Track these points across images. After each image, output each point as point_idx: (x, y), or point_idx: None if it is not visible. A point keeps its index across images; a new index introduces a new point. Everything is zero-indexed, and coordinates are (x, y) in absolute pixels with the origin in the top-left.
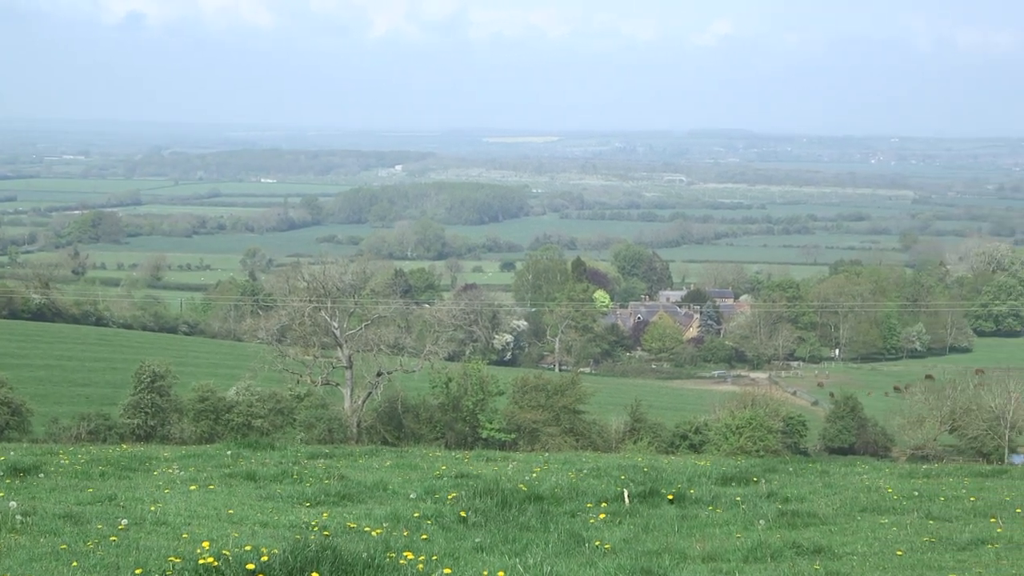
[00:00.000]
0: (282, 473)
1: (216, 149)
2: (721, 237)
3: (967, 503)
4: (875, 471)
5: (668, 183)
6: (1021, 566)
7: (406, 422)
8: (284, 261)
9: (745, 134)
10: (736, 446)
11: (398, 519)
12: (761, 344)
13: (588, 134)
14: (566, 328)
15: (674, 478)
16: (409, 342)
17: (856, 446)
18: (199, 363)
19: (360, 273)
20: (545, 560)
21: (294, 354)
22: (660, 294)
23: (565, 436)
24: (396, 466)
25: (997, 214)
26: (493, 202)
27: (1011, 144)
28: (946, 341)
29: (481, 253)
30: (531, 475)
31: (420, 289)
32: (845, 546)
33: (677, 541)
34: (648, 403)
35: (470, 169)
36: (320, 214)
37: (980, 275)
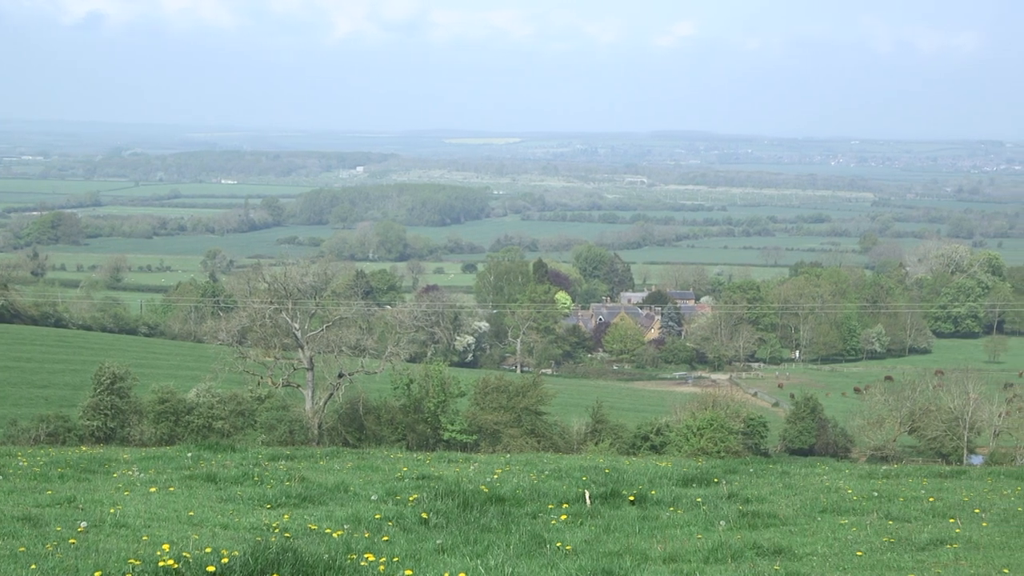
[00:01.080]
0: (243, 475)
1: (176, 150)
2: (682, 239)
3: (926, 504)
4: (835, 472)
5: (629, 185)
6: (980, 566)
7: (367, 424)
8: (245, 262)
9: (706, 136)
10: (697, 447)
11: (359, 521)
12: (722, 345)
13: (550, 135)
14: (527, 329)
15: (635, 479)
16: (370, 344)
17: (816, 447)
18: (159, 365)
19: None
20: (506, 561)
21: (255, 356)
22: (621, 295)
23: (527, 437)
24: (357, 468)
25: (956, 216)
26: (455, 203)
27: (970, 147)
28: (906, 342)
29: (443, 254)
30: (492, 476)
31: (382, 290)
32: (805, 547)
33: (638, 542)
34: (609, 404)
35: (432, 170)
36: (281, 215)
37: (939, 277)
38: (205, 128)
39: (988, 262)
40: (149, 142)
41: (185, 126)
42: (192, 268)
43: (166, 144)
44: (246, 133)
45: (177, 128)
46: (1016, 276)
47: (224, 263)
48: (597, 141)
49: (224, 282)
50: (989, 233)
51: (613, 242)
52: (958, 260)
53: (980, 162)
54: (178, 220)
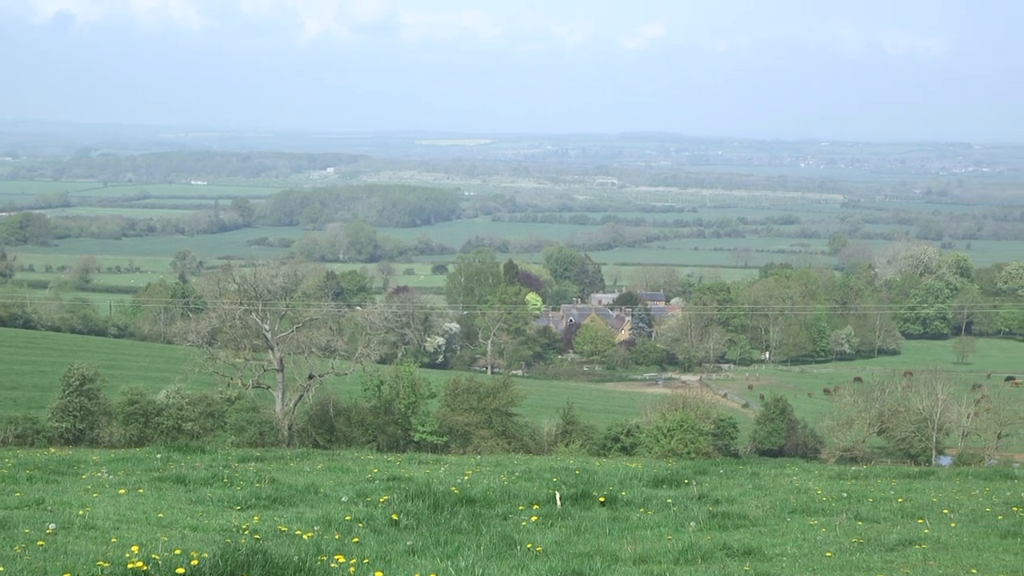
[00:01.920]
0: (212, 477)
1: (146, 151)
2: (653, 240)
3: (895, 504)
4: (805, 473)
5: (600, 186)
6: (948, 566)
7: (338, 425)
8: (215, 263)
9: (677, 137)
10: (667, 448)
11: (329, 522)
12: (692, 347)
13: (520, 137)
14: (498, 331)
15: (606, 480)
16: (341, 345)
17: (786, 448)
18: (129, 366)
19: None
20: (477, 563)
21: (225, 357)
22: (592, 297)
23: (497, 439)
24: (328, 469)
25: (924, 218)
26: (425, 204)
27: (938, 149)
28: (875, 343)
29: (413, 255)
30: (463, 478)
31: (352, 292)
32: (775, 547)
33: (609, 543)
34: (580, 406)
35: (402, 171)
36: (251, 216)
37: (908, 278)
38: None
39: (956, 264)
40: (118, 142)
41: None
42: (162, 269)
43: (136, 145)
44: (216, 134)
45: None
46: (984, 278)
47: (194, 264)
48: (568, 142)
49: (194, 283)
50: (958, 235)
51: (584, 243)
52: (927, 262)
53: (949, 164)
54: (148, 221)
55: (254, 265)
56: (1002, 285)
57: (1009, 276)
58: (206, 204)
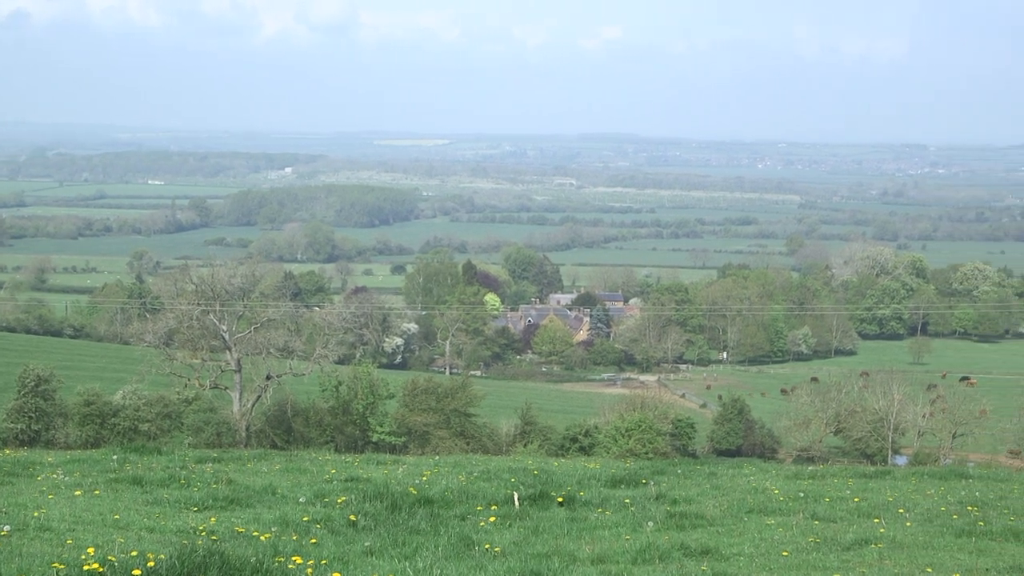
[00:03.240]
0: (169, 478)
1: (102, 151)
2: (611, 241)
3: (851, 504)
4: (762, 473)
5: (558, 187)
6: (903, 566)
7: (296, 426)
8: (172, 263)
9: (635, 138)
10: (625, 448)
11: (287, 523)
12: (650, 347)
13: (479, 137)
14: (456, 331)
15: (564, 481)
16: (299, 345)
17: (744, 448)
18: (85, 367)
19: (249, 276)
20: (435, 563)
21: (182, 357)
22: (550, 297)
23: (456, 439)
24: (285, 470)
25: (881, 218)
26: (384, 205)
27: (894, 150)
28: (832, 344)
29: (371, 256)
30: (421, 478)
31: (310, 292)
32: (732, 547)
33: (567, 543)
34: (538, 406)
35: (360, 172)
36: (209, 216)
37: (864, 279)
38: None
39: (912, 264)
40: (74, 142)
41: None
42: (118, 269)
43: (92, 144)
44: (173, 133)
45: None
46: (939, 278)
47: (151, 264)
48: (526, 143)
49: (151, 283)
50: (913, 235)
51: (542, 244)
52: (883, 262)
53: (904, 165)
54: (104, 221)
55: (211, 265)
56: (957, 286)
57: (964, 277)
58: (163, 204)
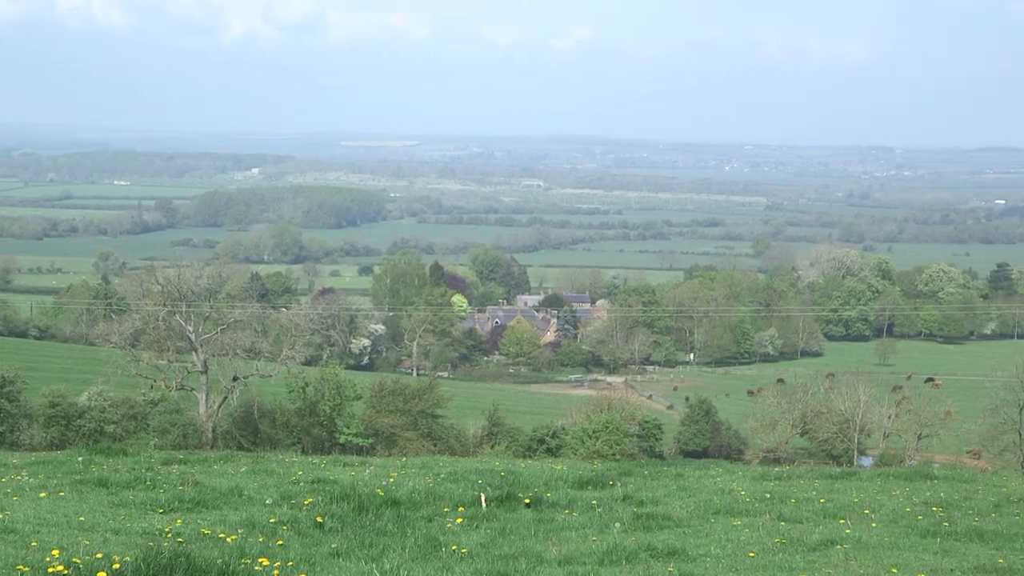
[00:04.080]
0: (135, 479)
1: (68, 151)
2: (578, 242)
3: (817, 505)
4: (728, 474)
5: (526, 188)
6: (869, 566)
7: (262, 427)
8: (138, 264)
9: (603, 140)
10: (593, 450)
11: (253, 525)
12: (617, 348)
13: (447, 138)
14: (424, 332)
15: (531, 482)
16: (266, 346)
17: (710, 449)
18: (50, 368)
19: (216, 277)
20: (402, 565)
21: (148, 359)
22: (518, 299)
23: (423, 440)
24: (252, 472)
25: (847, 220)
26: (351, 206)
27: (860, 152)
28: (798, 345)
29: (339, 257)
30: (388, 480)
31: (277, 293)
32: (699, 548)
33: (534, 545)
34: (506, 407)
35: (328, 173)
36: (175, 217)
37: (830, 280)
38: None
39: (878, 266)
40: (40, 142)
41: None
42: (84, 270)
43: (58, 144)
44: (140, 134)
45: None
46: (905, 280)
47: (117, 265)
48: (494, 144)
49: (117, 284)
50: (879, 237)
51: (510, 245)
52: (849, 264)
53: (871, 167)
54: (70, 221)
55: (178, 266)
56: (923, 287)
57: (929, 278)
58: (129, 205)
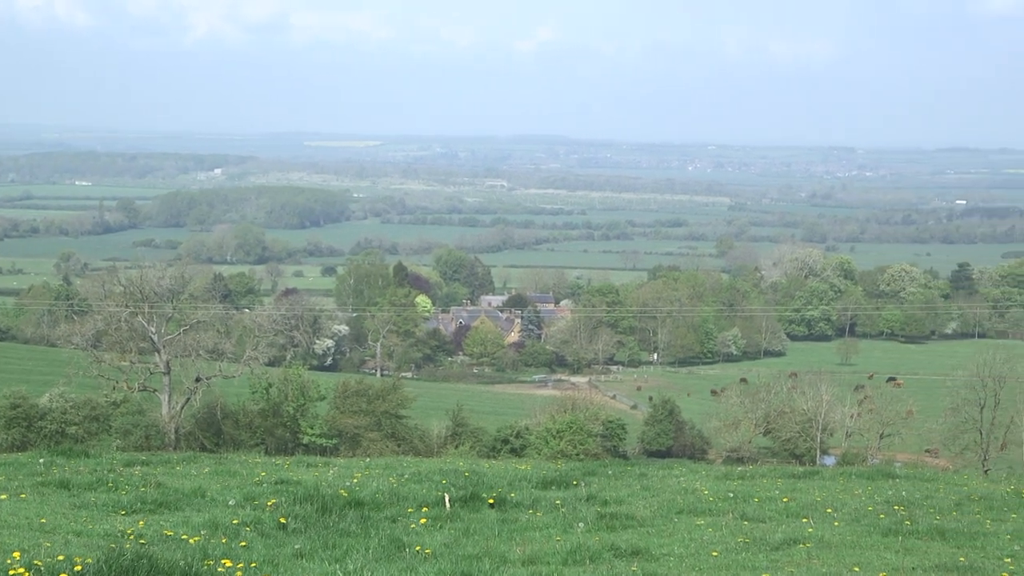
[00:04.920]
0: (97, 481)
1: (29, 151)
2: (542, 242)
3: (780, 504)
4: (692, 473)
5: (490, 188)
6: (831, 565)
7: (225, 428)
8: (100, 265)
9: (566, 140)
10: (557, 450)
11: (216, 526)
12: (581, 348)
13: (410, 139)
14: (388, 333)
15: (495, 482)
16: (229, 347)
17: (674, 449)
18: (11, 369)
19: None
20: (365, 566)
21: (110, 360)
22: (482, 299)
23: (387, 441)
24: (215, 473)
25: (809, 220)
26: (314, 206)
27: (823, 153)
28: (761, 345)
29: (302, 257)
30: (352, 481)
31: (240, 294)
32: (662, 547)
33: (498, 545)
34: (470, 408)
35: (291, 173)
36: (137, 217)
37: (793, 280)
38: (59, 128)
39: (840, 266)
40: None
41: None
42: (45, 271)
43: (18, 144)
44: (102, 134)
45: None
46: (867, 280)
47: (78, 266)
48: (457, 145)
49: (78, 285)
50: (841, 237)
51: (473, 245)
52: (811, 264)
53: (833, 168)
54: (31, 222)
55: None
56: (884, 287)
57: (891, 278)
58: (91, 205)
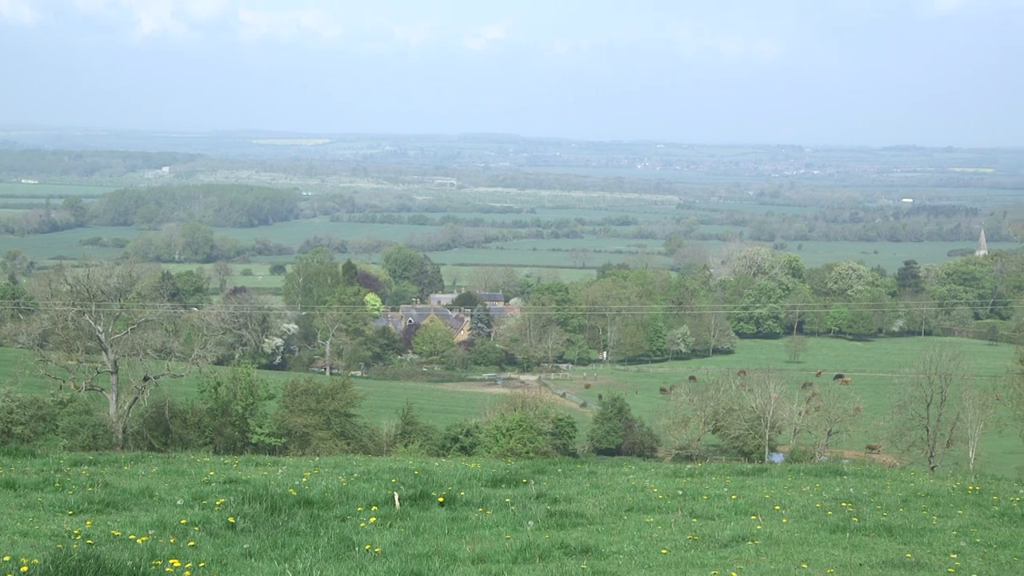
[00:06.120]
0: (43, 481)
1: None
2: (491, 241)
3: (729, 501)
4: (641, 471)
5: (439, 187)
6: (780, 561)
7: (174, 427)
8: (46, 264)
9: (516, 139)
10: (506, 448)
11: (164, 526)
12: (531, 347)
13: (359, 137)
14: (337, 331)
15: (445, 480)
16: (177, 346)
17: (623, 446)
18: None
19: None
20: (315, 565)
21: (57, 359)
22: (431, 297)
23: (336, 440)
24: (163, 472)
25: (757, 219)
26: (263, 204)
27: (771, 151)
28: (710, 343)
29: (251, 256)
30: (301, 479)
31: (188, 292)
32: (612, 545)
33: (447, 543)
34: (419, 406)
35: (239, 171)
36: (84, 216)
37: (742, 278)
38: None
39: (788, 264)
40: None
41: None
42: None
43: None
44: (48, 132)
45: None
46: (815, 278)
47: (24, 265)
48: (407, 143)
49: (24, 284)
50: (789, 236)
51: (423, 244)
52: (760, 262)
53: (781, 166)
54: None
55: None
56: (832, 285)
57: (839, 276)
58: (37, 203)
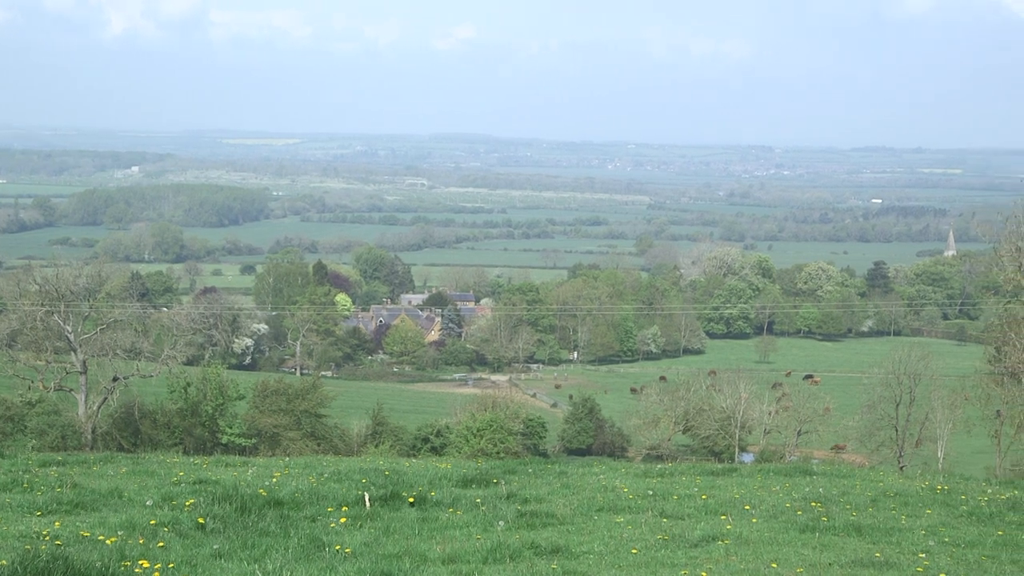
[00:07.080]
0: (11, 482)
1: None
2: (462, 241)
3: (699, 501)
4: (612, 471)
5: (410, 187)
6: (750, 561)
7: (143, 428)
8: (15, 263)
9: (487, 139)
10: (477, 448)
11: (133, 527)
12: (502, 347)
13: (329, 137)
14: (307, 332)
15: (415, 481)
16: (146, 346)
17: (594, 447)
18: None
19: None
20: (285, 566)
21: (25, 359)
22: (402, 297)
23: (306, 440)
24: (132, 473)
25: (728, 219)
26: (233, 204)
27: (741, 152)
28: (680, 343)
29: (221, 256)
30: (271, 480)
31: (158, 292)
32: (582, 545)
33: (418, 544)
34: (390, 406)
35: (209, 171)
36: (53, 215)
37: (712, 279)
38: None
39: (758, 264)
40: None
41: None
42: None
43: None
44: (17, 131)
45: None
46: (785, 278)
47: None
48: (378, 143)
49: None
50: (759, 236)
51: (394, 244)
52: (730, 262)
53: (751, 167)
54: None
55: (56, 265)
56: (802, 285)
57: (808, 277)
58: (5, 203)
